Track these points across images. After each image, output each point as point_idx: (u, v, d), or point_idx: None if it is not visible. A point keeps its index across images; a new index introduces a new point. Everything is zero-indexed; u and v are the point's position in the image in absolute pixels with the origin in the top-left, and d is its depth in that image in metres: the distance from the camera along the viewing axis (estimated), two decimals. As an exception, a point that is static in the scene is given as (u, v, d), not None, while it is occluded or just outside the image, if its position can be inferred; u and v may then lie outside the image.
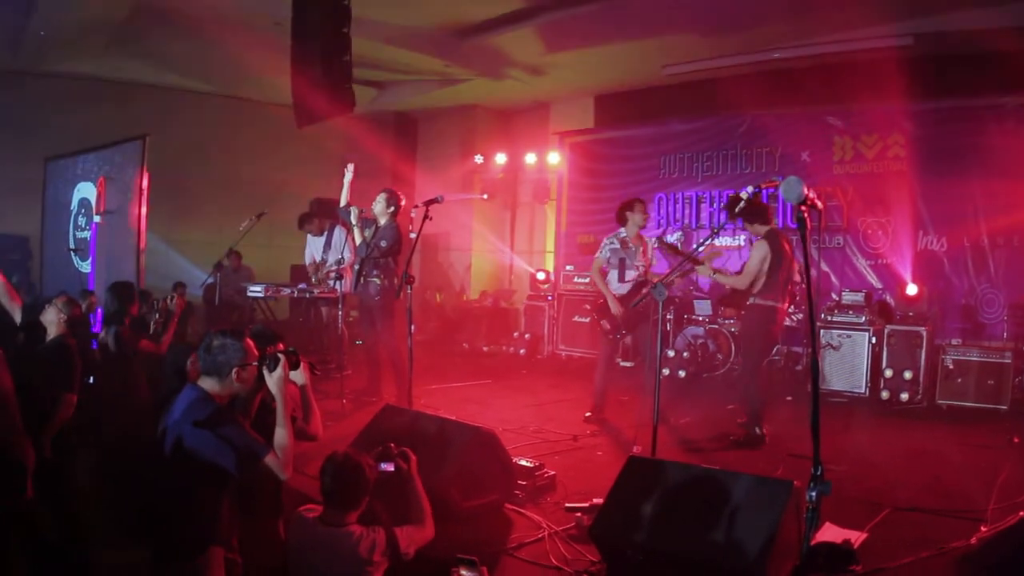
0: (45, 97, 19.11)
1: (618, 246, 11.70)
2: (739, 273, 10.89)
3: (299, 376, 5.85)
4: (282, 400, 5.49)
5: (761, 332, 10.55)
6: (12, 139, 18.65)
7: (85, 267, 17.75)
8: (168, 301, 10.64)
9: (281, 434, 5.42)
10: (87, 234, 17.90)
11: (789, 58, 15.80)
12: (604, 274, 11.81)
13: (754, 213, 10.69)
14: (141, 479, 5.59)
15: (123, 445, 7.50)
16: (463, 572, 5.24)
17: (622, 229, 11.86)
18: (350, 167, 12.80)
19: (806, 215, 4.92)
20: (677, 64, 17.28)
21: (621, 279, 11.67)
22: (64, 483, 7.17)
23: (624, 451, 9.02)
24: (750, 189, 9.56)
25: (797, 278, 11.90)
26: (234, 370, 5.35)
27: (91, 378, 9.56)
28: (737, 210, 10.67)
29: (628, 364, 12.67)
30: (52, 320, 8.21)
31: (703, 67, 17.00)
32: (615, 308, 11.41)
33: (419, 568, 5.62)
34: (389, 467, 5.94)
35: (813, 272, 14.52)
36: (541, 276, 19.43)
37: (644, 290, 11.04)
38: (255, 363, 5.50)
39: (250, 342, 5.53)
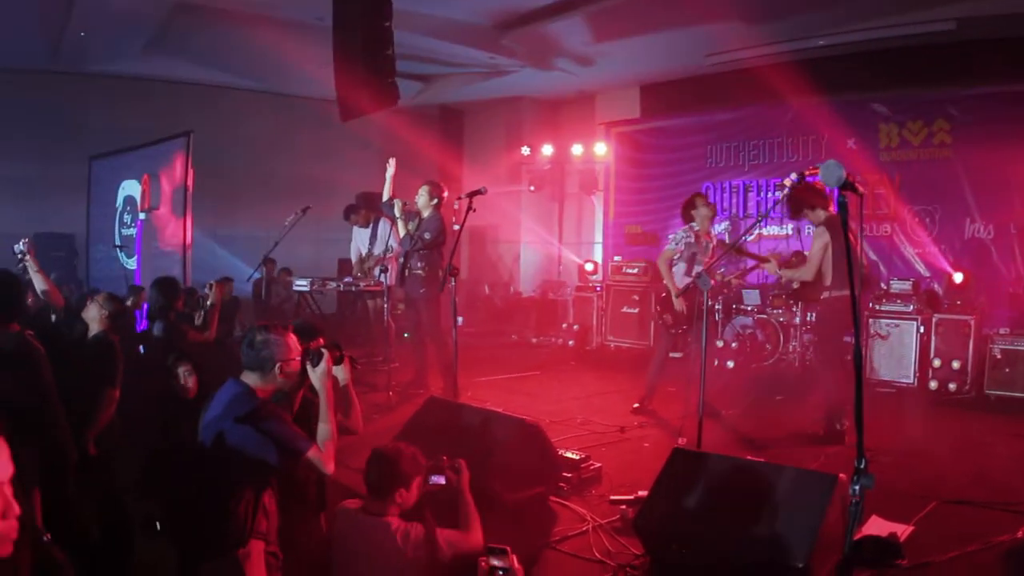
0: (88, 97, 19.31)
1: (692, 240, 11.46)
2: (803, 265, 10.79)
3: (340, 371, 5.85)
4: (325, 395, 5.51)
5: (836, 325, 10.31)
6: (56, 139, 18.85)
7: (131, 264, 17.87)
8: (207, 290, 10.68)
9: (324, 429, 5.46)
10: (132, 231, 18.03)
11: (833, 45, 15.71)
12: (670, 265, 11.61)
13: (810, 196, 10.48)
14: (183, 474, 5.61)
15: (165, 440, 7.53)
16: (493, 562, 5.22)
17: (694, 223, 11.62)
18: (391, 162, 12.88)
19: (847, 200, 4.84)
20: (721, 53, 17.23)
21: (688, 272, 11.40)
22: (106, 479, 7.21)
23: (671, 443, 8.95)
24: (794, 176, 9.50)
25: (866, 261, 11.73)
26: (277, 365, 5.39)
27: (142, 348, 9.66)
28: (789, 202, 10.63)
29: (676, 355, 12.51)
30: (94, 316, 8.23)
31: (747, 55, 16.94)
32: (678, 304, 11.22)
33: (454, 561, 5.60)
34: (440, 479, 5.94)
35: (863, 261, 14.49)
36: (589, 267, 19.44)
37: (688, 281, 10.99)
38: (298, 358, 5.52)
39: (293, 337, 5.55)
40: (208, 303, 10.53)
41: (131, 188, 18.27)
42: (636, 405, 11.60)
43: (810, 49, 16.07)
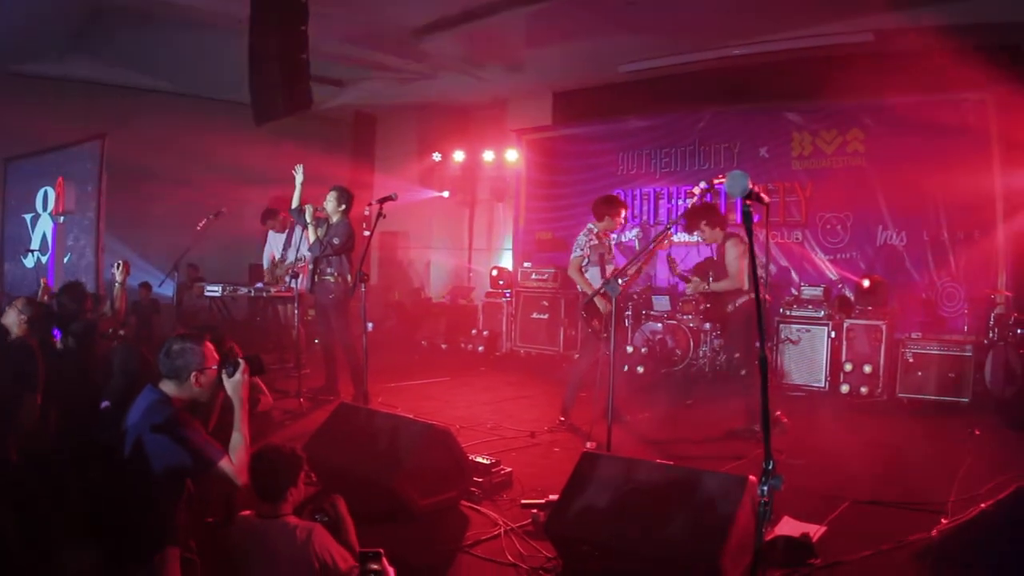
0: (4, 97, 18.89)
1: (596, 242, 11.26)
2: (726, 278, 10.79)
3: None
4: (240, 405, 5.44)
5: (750, 326, 10.49)
6: (-29, 140, 18.48)
7: (45, 268, 17.62)
8: (115, 269, 10.50)
9: (236, 439, 5.39)
10: (48, 235, 17.80)
11: (747, 55, 15.79)
12: (582, 271, 11.36)
13: (707, 214, 10.86)
14: (100, 479, 5.51)
15: (82, 445, 7.41)
16: (370, 566, 5.15)
17: (595, 224, 11.42)
18: (299, 168, 12.80)
19: (752, 209, 4.83)
20: (635, 61, 17.25)
21: (603, 274, 11.12)
22: (26, 485, 7.09)
23: (581, 447, 9.03)
24: (702, 184, 9.57)
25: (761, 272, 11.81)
26: (192, 374, 5.37)
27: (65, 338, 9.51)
28: (687, 216, 10.73)
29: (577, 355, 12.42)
30: (13, 322, 8.19)
31: (661, 64, 16.98)
32: (604, 306, 10.78)
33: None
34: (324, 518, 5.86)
35: (773, 268, 14.63)
36: (495, 273, 19.43)
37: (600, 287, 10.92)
38: (214, 367, 5.45)
39: (210, 346, 5.52)
40: (116, 283, 10.44)
41: (46, 191, 18.04)
42: (562, 419, 11.25)
43: (724, 58, 16.13)
